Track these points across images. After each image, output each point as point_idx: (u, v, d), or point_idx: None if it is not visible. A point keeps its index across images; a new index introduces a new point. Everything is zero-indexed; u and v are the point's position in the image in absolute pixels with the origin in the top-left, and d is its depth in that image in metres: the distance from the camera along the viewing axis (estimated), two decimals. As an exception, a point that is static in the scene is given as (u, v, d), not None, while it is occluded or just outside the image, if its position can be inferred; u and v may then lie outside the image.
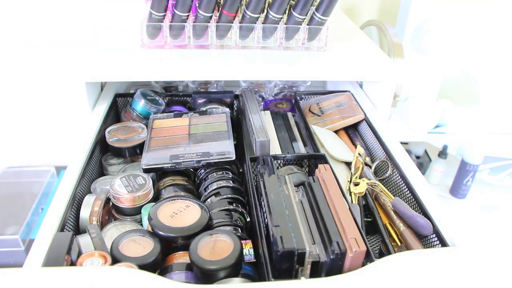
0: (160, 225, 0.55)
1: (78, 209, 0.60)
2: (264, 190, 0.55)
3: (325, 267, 0.47)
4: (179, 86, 1.07)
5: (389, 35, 1.03)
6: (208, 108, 0.83)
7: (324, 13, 0.79)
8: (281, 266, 0.46)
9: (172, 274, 0.52)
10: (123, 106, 0.89)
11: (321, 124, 0.83)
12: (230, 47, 0.84)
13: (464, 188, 1.23)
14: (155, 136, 0.74)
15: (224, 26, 0.81)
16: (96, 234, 0.53)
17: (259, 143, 0.67)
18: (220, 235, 0.54)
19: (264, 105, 0.94)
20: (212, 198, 0.64)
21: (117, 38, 0.89)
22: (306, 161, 0.70)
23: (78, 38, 1.00)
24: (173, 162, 0.66)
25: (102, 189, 0.67)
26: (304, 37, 0.83)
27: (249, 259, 0.52)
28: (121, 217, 0.63)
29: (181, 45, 0.84)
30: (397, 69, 0.86)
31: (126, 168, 0.74)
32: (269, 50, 0.85)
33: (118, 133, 0.76)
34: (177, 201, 0.60)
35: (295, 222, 0.50)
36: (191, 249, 0.51)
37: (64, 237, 0.50)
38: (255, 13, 0.79)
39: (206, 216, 0.57)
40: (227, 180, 0.66)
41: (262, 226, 0.53)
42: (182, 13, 0.79)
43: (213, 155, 0.67)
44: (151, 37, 0.83)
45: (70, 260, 0.49)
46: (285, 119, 0.82)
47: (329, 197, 0.54)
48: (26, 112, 1.13)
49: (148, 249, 0.53)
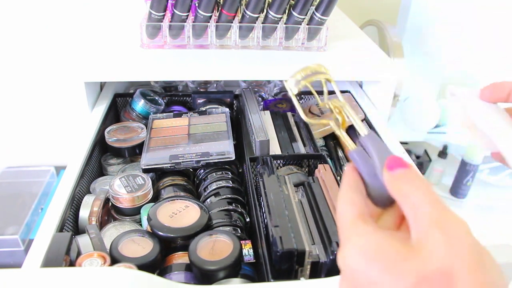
0: (160, 225, 0.55)
1: (77, 209, 0.60)
2: (264, 190, 0.55)
3: (325, 268, 0.47)
4: (179, 86, 1.06)
5: (389, 35, 1.03)
6: (208, 108, 0.83)
7: (324, 12, 0.79)
8: (281, 266, 0.46)
9: (172, 275, 0.51)
10: (122, 106, 0.89)
11: (321, 125, 0.83)
12: (230, 47, 0.84)
13: (464, 188, 1.23)
14: (154, 136, 0.74)
15: (223, 26, 0.81)
16: (95, 235, 0.53)
17: (259, 143, 0.67)
18: (220, 235, 0.54)
19: (263, 105, 0.94)
20: (211, 198, 0.64)
21: (117, 38, 0.89)
22: (306, 161, 0.70)
23: (78, 38, 1.00)
24: (172, 162, 0.66)
25: (101, 189, 0.67)
26: (304, 37, 0.83)
27: (249, 259, 0.52)
28: (121, 217, 0.63)
29: (181, 45, 0.83)
30: (397, 69, 0.86)
31: (126, 168, 0.74)
32: (269, 50, 0.85)
33: (117, 133, 0.76)
34: (176, 201, 0.60)
35: (295, 223, 0.50)
36: (190, 249, 0.51)
37: (63, 238, 0.50)
38: (254, 12, 0.79)
39: (205, 216, 0.57)
40: (226, 180, 0.66)
41: (262, 226, 0.53)
42: (181, 13, 0.79)
43: (212, 155, 0.67)
44: (151, 37, 0.83)
45: (69, 260, 0.49)
46: (285, 119, 0.82)
47: (329, 197, 0.54)
48: (25, 112, 1.13)
49: (147, 249, 0.52)
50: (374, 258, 0.26)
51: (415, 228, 0.26)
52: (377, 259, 0.26)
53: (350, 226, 0.29)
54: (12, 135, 1.16)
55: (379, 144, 0.33)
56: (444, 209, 0.26)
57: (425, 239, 0.25)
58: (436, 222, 0.25)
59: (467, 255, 0.24)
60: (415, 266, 0.24)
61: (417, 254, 0.25)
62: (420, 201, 0.27)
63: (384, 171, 0.30)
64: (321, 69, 0.38)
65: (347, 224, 0.29)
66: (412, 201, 0.27)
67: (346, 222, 0.29)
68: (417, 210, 0.27)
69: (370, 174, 0.32)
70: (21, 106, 1.12)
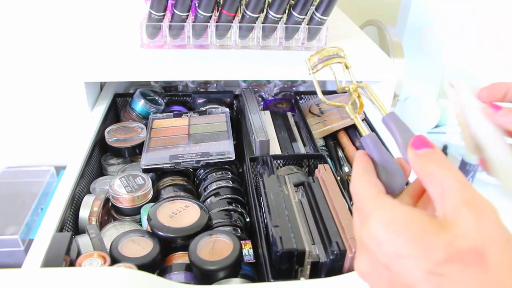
0: (160, 225, 0.55)
1: (77, 209, 0.60)
2: (264, 190, 0.55)
3: (325, 268, 0.47)
4: (179, 86, 1.06)
5: (389, 35, 1.03)
6: (208, 108, 0.83)
7: (324, 12, 0.79)
8: (281, 266, 0.46)
9: (172, 275, 0.51)
10: (122, 106, 0.89)
11: (321, 125, 0.83)
12: (230, 47, 0.84)
13: (464, 188, 1.23)
14: (154, 136, 0.74)
15: (223, 26, 0.81)
16: (95, 235, 0.53)
17: (259, 143, 0.67)
18: (220, 235, 0.54)
19: (263, 105, 0.94)
20: (211, 198, 0.64)
21: (117, 38, 0.89)
22: (306, 161, 0.70)
23: (78, 38, 1.00)
24: (172, 162, 0.66)
25: (101, 189, 0.67)
26: (304, 37, 0.83)
27: (249, 259, 0.52)
28: (121, 217, 0.63)
29: (181, 45, 0.83)
30: (397, 69, 0.86)
31: (126, 168, 0.74)
32: (269, 50, 0.85)
33: (117, 133, 0.76)
34: (176, 201, 0.60)
35: (295, 223, 0.50)
36: (190, 249, 0.51)
37: (63, 238, 0.50)
38: (254, 12, 0.79)
39: (205, 216, 0.57)
40: (226, 180, 0.66)
41: (262, 226, 0.53)
42: (181, 13, 0.79)
43: (212, 155, 0.67)
44: (151, 37, 0.83)
45: (69, 260, 0.49)
46: (285, 119, 0.82)
47: (329, 197, 0.54)
48: (25, 112, 1.13)
49: (147, 249, 0.52)
50: (402, 229, 0.25)
51: (442, 205, 0.26)
52: (405, 230, 0.25)
53: (372, 201, 0.28)
54: (12, 135, 1.16)
55: (402, 124, 0.33)
56: (472, 188, 0.26)
57: (454, 217, 0.25)
58: (466, 200, 0.25)
59: (499, 237, 0.24)
60: (445, 242, 0.24)
61: (447, 230, 0.24)
62: (448, 180, 0.26)
63: (409, 148, 0.30)
64: (340, 52, 0.38)
65: (368, 199, 0.29)
66: (438, 180, 0.27)
67: (366, 198, 0.29)
68: (445, 188, 0.26)
69: (383, 160, 0.32)
70: (21, 106, 1.12)
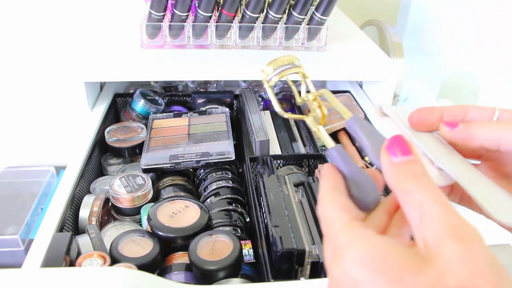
0: (160, 225, 0.55)
1: (77, 209, 0.60)
2: (264, 190, 0.55)
3: (325, 268, 0.47)
4: (179, 86, 1.06)
5: (389, 35, 1.03)
6: (208, 108, 0.83)
7: (324, 12, 0.79)
8: (281, 266, 0.46)
9: (172, 275, 0.51)
10: (122, 106, 0.89)
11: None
12: (230, 47, 0.84)
13: (464, 188, 1.23)
14: (154, 136, 0.74)
15: (223, 26, 0.81)
16: (95, 235, 0.53)
17: (259, 143, 0.67)
18: (220, 235, 0.54)
19: (263, 105, 0.94)
20: (211, 198, 0.64)
21: (117, 38, 0.89)
22: (306, 161, 0.70)
23: (78, 38, 1.00)
24: (172, 162, 0.66)
25: (101, 189, 0.67)
26: (304, 37, 0.83)
27: (249, 259, 0.52)
28: (121, 217, 0.63)
29: (181, 45, 0.83)
30: (397, 69, 0.86)
31: (126, 168, 0.74)
32: (269, 50, 0.85)
33: (117, 133, 0.76)
34: (176, 201, 0.60)
35: (295, 222, 0.50)
36: (190, 249, 0.51)
37: (63, 238, 0.50)
38: (254, 12, 0.78)
39: (205, 216, 0.57)
40: (226, 180, 0.66)
41: (262, 226, 0.53)
42: (181, 13, 0.79)
43: (212, 155, 0.67)
44: (151, 37, 0.83)
45: (69, 260, 0.49)
46: (285, 119, 0.82)
47: (329, 197, 0.54)
48: (25, 112, 1.13)
49: (147, 249, 0.52)
50: (380, 267, 0.22)
51: (420, 232, 0.23)
52: (385, 268, 0.22)
53: (345, 231, 0.25)
54: (12, 135, 1.16)
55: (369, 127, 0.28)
56: (455, 213, 0.23)
57: (437, 248, 0.22)
58: (450, 229, 0.22)
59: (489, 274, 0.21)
60: (429, 280, 0.21)
61: (430, 266, 0.22)
62: (429, 203, 0.23)
63: (382, 153, 0.26)
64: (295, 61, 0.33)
65: (341, 229, 0.25)
66: (416, 201, 0.24)
67: (338, 227, 0.25)
68: (424, 212, 0.23)
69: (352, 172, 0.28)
70: (21, 106, 1.12)
